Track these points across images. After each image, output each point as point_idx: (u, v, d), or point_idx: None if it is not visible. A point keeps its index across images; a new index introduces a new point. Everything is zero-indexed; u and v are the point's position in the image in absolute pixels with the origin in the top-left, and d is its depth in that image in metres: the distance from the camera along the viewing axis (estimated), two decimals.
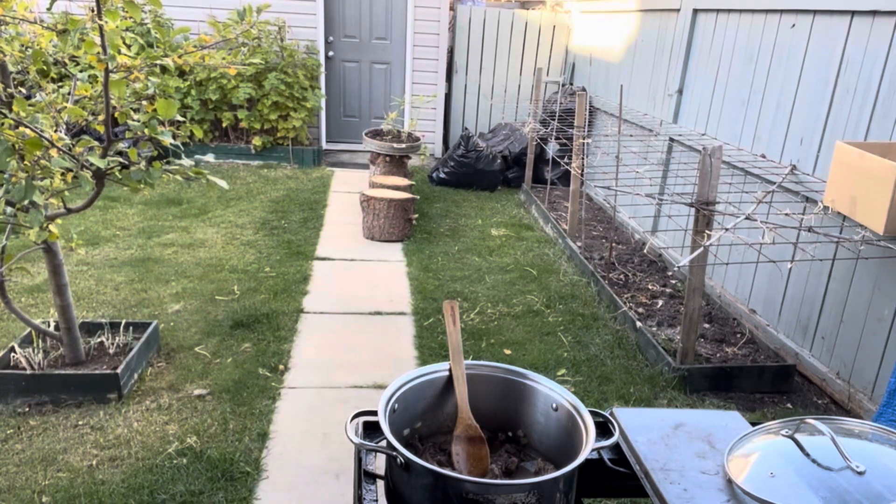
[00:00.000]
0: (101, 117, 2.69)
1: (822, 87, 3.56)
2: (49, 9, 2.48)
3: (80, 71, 2.71)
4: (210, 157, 3.20)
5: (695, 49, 4.96)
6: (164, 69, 5.95)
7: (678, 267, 4.69)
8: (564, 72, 8.19)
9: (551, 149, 6.89)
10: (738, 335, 3.90)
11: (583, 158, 5.35)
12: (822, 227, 3.28)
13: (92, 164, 2.44)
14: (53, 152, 2.45)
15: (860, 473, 1.07)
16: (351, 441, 1.17)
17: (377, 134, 6.30)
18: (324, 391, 3.23)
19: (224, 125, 7.21)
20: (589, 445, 1.15)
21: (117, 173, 2.56)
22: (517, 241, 5.49)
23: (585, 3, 7.54)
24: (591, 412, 1.26)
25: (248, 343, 3.58)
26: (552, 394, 1.32)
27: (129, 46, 2.51)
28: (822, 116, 3.55)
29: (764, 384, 3.45)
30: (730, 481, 1.16)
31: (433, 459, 1.30)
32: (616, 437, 1.25)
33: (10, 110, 2.36)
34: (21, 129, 2.33)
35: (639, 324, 3.83)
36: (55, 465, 2.60)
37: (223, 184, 2.63)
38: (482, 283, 4.58)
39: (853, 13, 3.34)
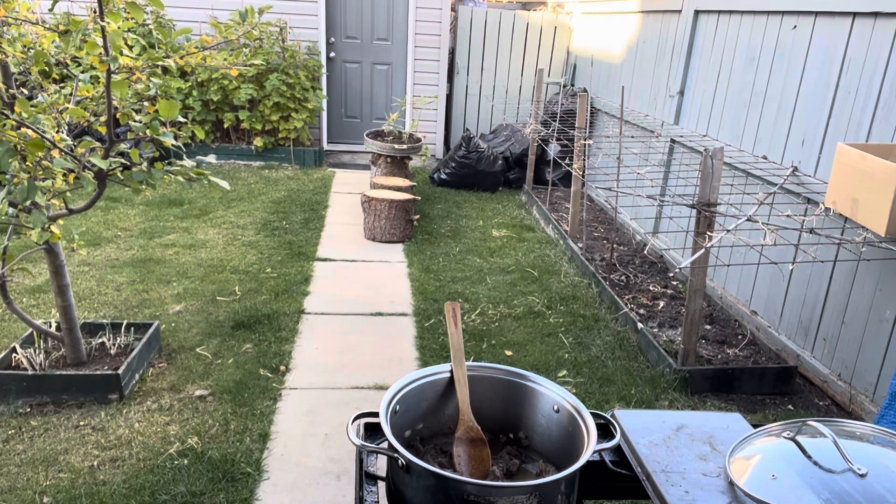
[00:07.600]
0: (102, 118, 2.69)
1: (823, 88, 3.56)
2: (51, 9, 2.48)
3: (82, 72, 2.71)
4: (211, 158, 3.21)
5: (696, 50, 4.96)
6: (165, 70, 5.96)
7: (679, 268, 4.68)
8: (566, 73, 8.19)
9: (552, 150, 6.89)
10: (740, 337, 3.89)
11: (584, 159, 5.35)
12: (824, 228, 3.28)
13: (94, 165, 2.44)
14: (55, 153, 2.45)
15: (862, 476, 1.07)
16: (352, 442, 1.17)
17: (378, 135, 6.30)
18: (325, 392, 3.23)
19: (225, 126, 7.22)
20: (590, 447, 1.15)
21: (119, 174, 2.56)
22: (518, 242, 5.49)
23: (587, 5, 7.54)
24: (593, 414, 1.26)
25: (250, 344, 3.58)
26: (553, 395, 1.32)
27: (130, 47, 2.51)
28: (823, 118, 3.55)
29: (765, 386, 3.44)
30: (731, 483, 1.16)
31: (434, 461, 1.30)
32: (618, 438, 1.24)
33: (13, 111, 2.36)
34: (23, 129, 2.33)
35: (640, 325, 3.83)
36: (56, 465, 2.60)
37: (224, 184, 2.64)
38: (483, 284, 4.58)
39: (854, 15, 3.34)
